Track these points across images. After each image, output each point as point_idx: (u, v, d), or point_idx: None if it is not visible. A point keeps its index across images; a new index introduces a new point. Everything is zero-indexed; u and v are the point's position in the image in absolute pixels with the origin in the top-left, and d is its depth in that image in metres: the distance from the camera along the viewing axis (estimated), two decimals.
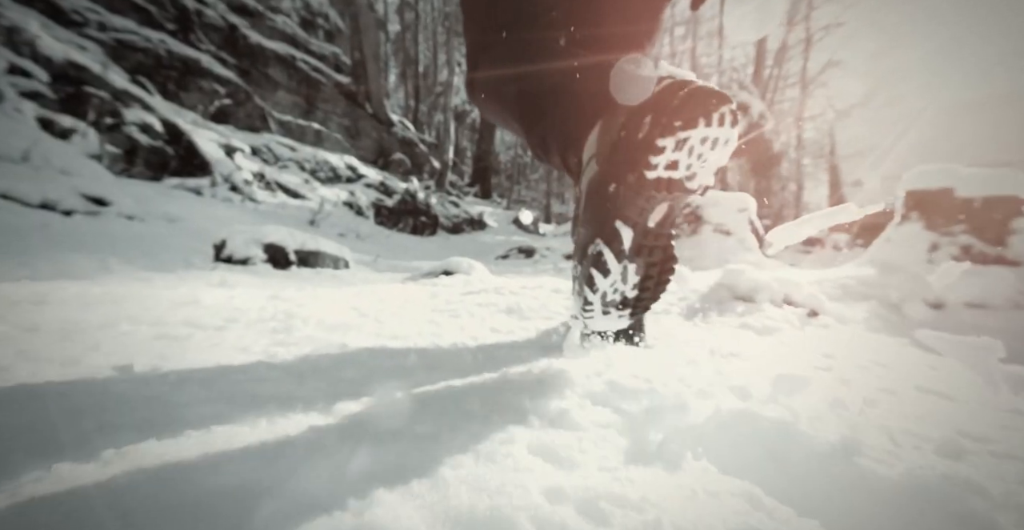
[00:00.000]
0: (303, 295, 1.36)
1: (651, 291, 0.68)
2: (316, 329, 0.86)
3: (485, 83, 0.80)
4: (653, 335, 1.12)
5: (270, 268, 2.26)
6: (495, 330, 1.05)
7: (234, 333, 0.76)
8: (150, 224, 3.27)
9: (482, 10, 0.82)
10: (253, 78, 9.30)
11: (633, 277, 0.64)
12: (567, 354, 0.86)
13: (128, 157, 4.83)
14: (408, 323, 1.07)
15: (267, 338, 0.74)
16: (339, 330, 0.89)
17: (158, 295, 1.11)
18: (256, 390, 0.49)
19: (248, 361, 0.59)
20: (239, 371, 0.54)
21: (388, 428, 0.43)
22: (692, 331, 1.25)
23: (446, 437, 0.42)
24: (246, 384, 0.50)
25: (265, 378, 0.53)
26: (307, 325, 0.86)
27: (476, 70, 0.81)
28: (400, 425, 0.44)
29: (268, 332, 0.78)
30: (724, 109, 0.52)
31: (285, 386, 0.52)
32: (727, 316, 1.44)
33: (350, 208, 7.90)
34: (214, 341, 0.69)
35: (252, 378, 0.53)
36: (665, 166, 0.54)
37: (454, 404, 0.51)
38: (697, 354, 0.96)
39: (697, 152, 0.54)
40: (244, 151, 6.58)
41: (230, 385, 0.49)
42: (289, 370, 0.58)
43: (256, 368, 0.56)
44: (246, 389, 0.49)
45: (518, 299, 1.46)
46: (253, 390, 0.49)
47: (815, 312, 1.54)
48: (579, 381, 0.68)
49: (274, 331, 0.79)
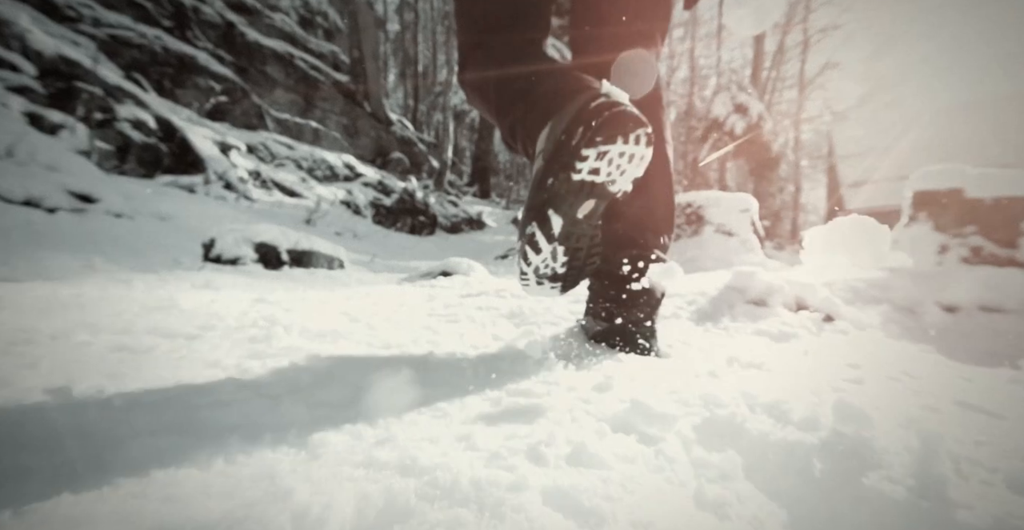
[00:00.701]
0: (292, 298, 1.28)
1: (578, 270, 0.78)
2: (300, 338, 0.78)
3: (472, 81, 0.88)
4: (666, 342, 1.04)
5: (261, 268, 2.17)
6: (497, 338, 0.97)
7: (206, 343, 0.67)
8: (139, 222, 3.18)
9: (468, 11, 0.89)
10: (250, 76, 9.20)
11: (562, 257, 0.73)
12: (577, 366, 0.78)
13: (120, 154, 4.74)
14: (403, 330, 0.99)
15: (243, 349, 0.66)
16: (326, 339, 0.81)
17: (133, 298, 1.03)
18: (218, 418, 0.41)
19: (215, 379, 0.51)
20: (202, 392, 0.46)
21: (373, 474, 0.35)
22: (705, 338, 1.17)
23: (443, 480, 0.35)
24: (206, 410, 0.42)
25: (231, 401, 0.45)
26: (290, 333, 0.78)
27: (464, 69, 0.89)
28: (388, 462, 0.37)
29: (245, 342, 0.70)
30: (640, 132, 0.63)
31: (254, 412, 0.44)
32: (740, 321, 1.37)
33: (348, 207, 7.81)
34: (180, 354, 0.61)
35: (215, 401, 0.45)
36: (588, 171, 0.65)
37: (453, 435, 0.44)
38: (716, 365, 0.88)
39: (616, 163, 0.65)
40: (240, 149, 6.48)
41: (186, 412, 0.41)
42: (262, 390, 0.50)
43: (223, 388, 0.48)
44: (205, 417, 0.41)
45: (520, 303, 1.38)
46: (214, 418, 0.41)
47: (830, 317, 1.46)
48: (595, 400, 0.60)
49: (252, 340, 0.71)
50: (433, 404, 0.51)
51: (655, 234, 0.96)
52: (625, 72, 0.68)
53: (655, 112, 0.86)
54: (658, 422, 0.53)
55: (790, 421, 0.56)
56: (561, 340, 0.98)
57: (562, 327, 1.11)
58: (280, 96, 9.74)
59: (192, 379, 0.50)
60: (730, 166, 18.15)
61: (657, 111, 0.88)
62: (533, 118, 0.74)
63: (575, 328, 1.09)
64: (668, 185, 0.96)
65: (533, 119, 0.74)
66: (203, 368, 0.56)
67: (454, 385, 0.59)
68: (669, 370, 0.80)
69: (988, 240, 2.68)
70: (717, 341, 1.14)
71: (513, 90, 0.80)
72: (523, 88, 0.78)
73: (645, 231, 0.95)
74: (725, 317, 1.41)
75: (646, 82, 0.72)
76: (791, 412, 0.61)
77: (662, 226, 0.96)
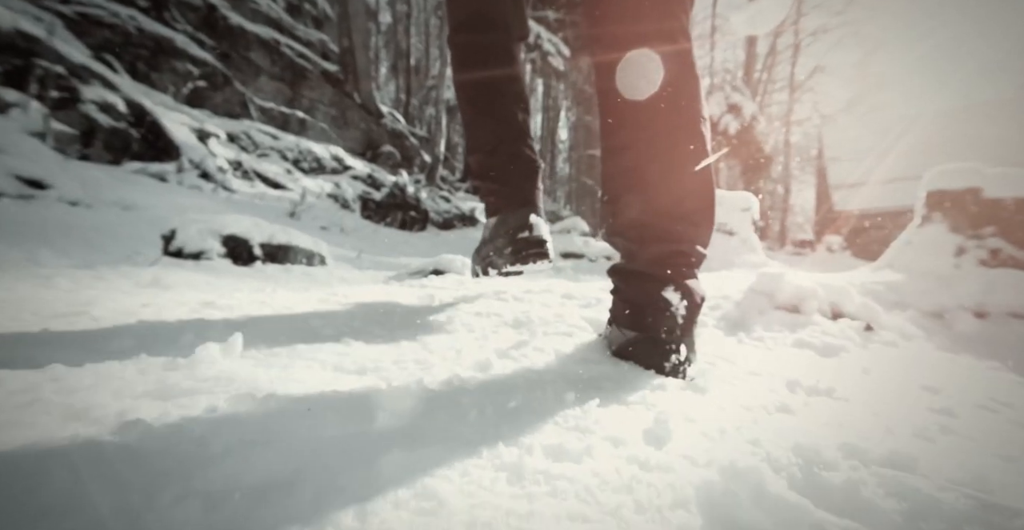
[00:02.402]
0: (253, 301, 1.07)
1: None
2: (241, 361, 0.57)
3: (454, 82, 1.15)
4: (705, 358, 0.85)
5: (229, 264, 1.94)
6: (503, 355, 0.78)
7: (88, 375, 0.47)
8: (99, 211, 2.91)
9: (447, 6, 1.12)
10: (233, 62, 8.82)
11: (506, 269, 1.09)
12: (612, 398, 0.59)
13: (85, 138, 4.42)
14: (384, 344, 0.79)
15: (145, 382, 0.46)
16: (277, 361, 0.60)
17: (42, 300, 0.82)
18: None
19: (30, 466, 0.30)
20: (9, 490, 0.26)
21: None
22: (744, 351, 0.99)
23: None
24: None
25: (62, 509, 0.25)
26: (229, 354, 0.58)
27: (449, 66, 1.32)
28: None
29: (157, 369, 0.50)
30: (540, 262, 1.04)
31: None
32: (776, 330, 1.19)
33: (335, 200, 7.53)
34: (31, 396, 0.41)
35: (39, 508, 0.25)
36: (505, 273, 1.09)
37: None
38: (779, 393, 0.70)
39: (527, 271, 1.08)
40: (219, 137, 6.17)
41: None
42: (125, 479, 0.30)
43: (51, 486, 0.28)
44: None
45: (525, 307, 1.18)
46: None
47: (870, 326, 1.30)
48: (654, 461, 0.41)
49: (168, 367, 0.50)
50: (419, 485, 0.32)
51: (693, 225, 0.79)
52: (631, 73, 0.71)
53: (678, 101, 0.76)
54: (763, 502, 0.34)
55: (940, 489, 0.38)
56: (581, 357, 0.79)
57: (578, 339, 0.92)
58: (265, 84, 9.38)
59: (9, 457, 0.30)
60: (722, 167, 18.16)
61: (680, 100, 0.77)
62: (485, 200, 1.17)
63: (595, 340, 0.90)
64: (704, 172, 0.78)
65: (484, 200, 1.17)
66: (56, 424, 0.35)
67: (452, 442, 0.39)
68: (730, 403, 0.61)
69: (1008, 242, 2.55)
70: (759, 356, 0.96)
71: (477, 145, 1.16)
72: (484, 159, 1.14)
73: (678, 220, 0.78)
74: (757, 325, 1.23)
75: (651, 82, 0.72)
76: (921, 469, 0.43)
77: (698, 216, 0.79)
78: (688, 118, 0.77)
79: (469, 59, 1.13)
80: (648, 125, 0.77)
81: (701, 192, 0.79)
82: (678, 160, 0.77)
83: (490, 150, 1.15)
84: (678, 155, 0.77)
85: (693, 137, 0.77)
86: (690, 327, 0.77)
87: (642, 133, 0.77)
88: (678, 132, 0.77)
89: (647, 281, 0.78)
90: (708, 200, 0.80)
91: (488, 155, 1.15)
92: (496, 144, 1.14)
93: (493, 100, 1.14)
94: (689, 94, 0.77)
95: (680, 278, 0.78)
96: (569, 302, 1.32)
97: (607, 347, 0.86)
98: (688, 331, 0.77)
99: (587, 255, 5.45)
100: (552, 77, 17.94)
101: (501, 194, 1.14)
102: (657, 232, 0.78)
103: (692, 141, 0.77)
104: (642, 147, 0.77)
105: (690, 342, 0.78)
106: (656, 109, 0.76)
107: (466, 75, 1.13)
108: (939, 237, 2.68)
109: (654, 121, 0.77)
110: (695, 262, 0.80)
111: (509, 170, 1.14)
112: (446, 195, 11.17)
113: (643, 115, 0.77)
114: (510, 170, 1.13)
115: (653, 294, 0.76)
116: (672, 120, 0.76)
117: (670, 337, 0.75)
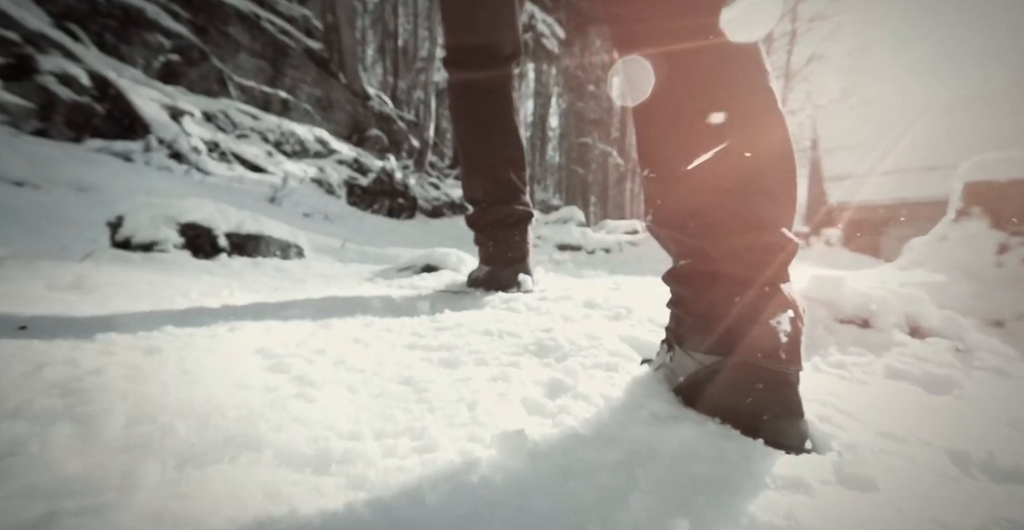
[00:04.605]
0: (185, 316, 0.81)
1: None
2: (106, 452, 0.33)
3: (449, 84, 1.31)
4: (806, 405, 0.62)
5: (188, 257, 1.66)
6: (535, 408, 0.54)
7: None
8: (49, 193, 2.59)
9: None
10: (211, 37, 8.29)
11: None
12: (716, 504, 0.36)
13: (43, 113, 4.02)
14: (362, 396, 0.55)
15: None
16: (180, 447, 0.36)
17: None
18: None
19: None
20: None
21: None
22: (838, 388, 0.77)
23: None
24: None
25: None
26: (91, 440, 0.33)
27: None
28: None
29: None
30: (514, 289, 1.25)
31: None
32: (854, 353, 0.97)
33: (319, 185, 7.16)
34: None
35: None
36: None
37: None
38: (949, 472, 0.48)
39: None
40: (194, 115, 5.76)
41: None
42: None
43: None
44: None
45: (545, 322, 0.95)
46: None
47: (960, 346, 1.09)
48: None
49: None
50: None
51: (776, 202, 0.56)
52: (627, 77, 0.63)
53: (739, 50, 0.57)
54: None
55: None
56: (647, 412, 0.56)
57: (625, 372, 0.69)
58: (245, 61, 8.86)
59: None
60: None
61: (743, 48, 0.57)
62: (478, 246, 1.34)
63: (646, 375, 0.67)
64: (783, 129, 0.57)
65: (478, 246, 1.34)
66: None
67: None
68: (924, 518, 0.39)
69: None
70: (859, 396, 0.73)
71: (472, 197, 1.33)
72: (478, 213, 1.31)
73: (759, 199, 0.56)
74: (831, 346, 1.01)
75: (642, 88, 0.59)
76: None
77: (780, 190, 0.57)
78: (755, 61, 0.57)
79: (462, 105, 1.27)
80: (710, 66, 0.57)
81: (782, 156, 0.57)
82: (752, 111, 0.56)
83: (484, 206, 1.29)
84: (753, 105, 0.57)
85: (765, 85, 0.57)
86: (796, 349, 0.55)
87: (702, 78, 0.57)
88: (748, 75, 0.57)
89: (731, 285, 0.56)
90: (791, 169, 0.58)
91: (482, 211, 1.29)
92: (490, 202, 1.28)
93: (486, 155, 1.26)
94: (752, 47, 0.58)
95: (776, 280, 0.55)
96: (594, 313, 1.09)
97: (667, 379, 0.63)
98: (796, 359, 0.54)
99: (584, 247, 5.23)
100: (544, 61, 17.47)
101: (494, 249, 1.29)
102: (732, 220, 0.56)
103: (765, 92, 0.57)
104: (714, 93, 0.56)
105: (797, 377, 0.55)
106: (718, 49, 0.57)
107: (460, 121, 1.29)
108: (979, 233, 2.47)
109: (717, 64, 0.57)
110: (787, 257, 0.57)
111: (501, 228, 1.28)
112: (435, 182, 10.82)
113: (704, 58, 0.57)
114: (502, 228, 1.28)
115: (741, 303, 0.54)
116: (740, 60, 0.57)
117: (775, 363, 0.52)
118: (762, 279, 0.55)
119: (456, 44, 1.22)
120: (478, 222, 1.31)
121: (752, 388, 0.52)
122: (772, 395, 0.52)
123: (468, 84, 1.24)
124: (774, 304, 0.54)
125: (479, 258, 1.35)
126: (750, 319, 0.53)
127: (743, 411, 0.53)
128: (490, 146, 1.26)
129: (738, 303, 0.54)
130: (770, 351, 0.52)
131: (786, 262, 0.57)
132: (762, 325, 0.53)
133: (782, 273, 0.56)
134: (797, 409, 0.53)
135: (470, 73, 1.23)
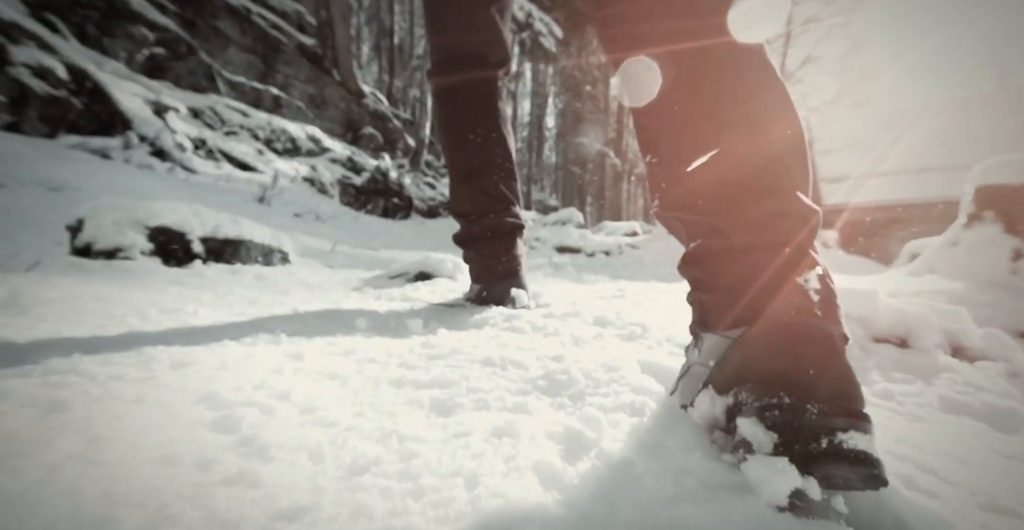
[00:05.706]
0: (128, 344, 0.68)
1: None
2: None
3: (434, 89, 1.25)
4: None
5: (158, 265, 1.51)
6: (547, 479, 0.41)
7: None
8: (14, 192, 2.42)
9: None
10: (199, 30, 8.07)
11: None
12: None
13: (15, 107, 3.83)
14: (329, 468, 0.41)
15: None
16: None
17: None
18: None
19: None
20: None
21: None
22: (882, 420, 0.65)
23: None
24: None
25: None
26: None
27: None
28: None
29: None
30: (508, 305, 1.13)
31: None
32: (899, 379, 0.85)
33: (311, 185, 6.99)
34: None
35: None
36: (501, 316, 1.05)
37: None
38: None
39: None
40: (179, 111, 5.57)
41: None
42: None
43: None
44: None
45: (554, 347, 0.81)
46: None
47: (1012, 370, 0.98)
48: None
49: None
50: None
51: (791, 172, 0.54)
52: (629, 79, 0.61)
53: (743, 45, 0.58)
54: None
55: None
56: (696, 479, 0.43)
57: (654, 417, 0.56)
58: (234, 56, 8.65)
59: None
60: None
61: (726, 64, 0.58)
62: (468, 264, 1.26)
63: (674, 416, 0.54)
64: (793, 113, 0.57)
65: (468, 264, 1.26)
66: None
67: None
68: None
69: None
70: (920, 439, 0.61)
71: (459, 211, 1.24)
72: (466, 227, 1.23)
73: (771, 166, 0.54)
74: (873, 371, 0.89)
75: (647, 90, 0.58)
76: None
77: (793, 161, 0.55)
78: (763, 58, 0.58)
79: (447, 113, 1.20)
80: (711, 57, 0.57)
81: (794, 136, 0.55)
82: (763, 105, 0.57)
83: (473, 219, 1.20)
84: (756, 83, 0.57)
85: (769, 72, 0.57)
86: (836, 313, 0.48)
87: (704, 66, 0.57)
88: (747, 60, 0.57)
89: (749, 253, 0.52)
90: (801, 143, 0.56)
91: (469, 225, 1.20)
92: (478, 215, 1.19)
93: (472, 166, 1.18)
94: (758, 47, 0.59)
95: (802, 246, 0.51)
96: (606, 332, 0.96)
97: (700, 418, 0.52)
98: (836, 320, 0.47)
99: (584, 249, 5.11)
100: (541, 61, 17.36)
101: (484, 265, 1.20)
102: (746, 186, 0.53)
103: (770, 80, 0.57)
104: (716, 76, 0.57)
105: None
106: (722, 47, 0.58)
107: (445, 130, 1.21)
108: (992, 239, 2.37)
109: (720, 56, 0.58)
110: (811, 225, 0.52)
111: (489, 241, 1.19)
112: (431, 181, 10.66)
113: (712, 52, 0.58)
114: (490, 241, 1.19)
115: (762, 269, 0.50)
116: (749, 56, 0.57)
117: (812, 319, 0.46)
118: (783, 244, 0.51)
119: (440, 51, 1.17)
120: (465, 237, 1.22)
121: (790, 349, 0.44)
122: (816, 353, 0.43)
123: (453, 92, 1.18)
124: (801, 266, 0.49)
125: (470, 276, 1.26)
126: (775, 282, 0.49)
127: (786, 372, 0.43)
128: (476, 156, 1.19)
129: (760, 269, 0.50)
130: (803, 308, 0.46)
131: (812, 229, 0.52)
132: (790, 284, 0.48)
133: (809, 239, 0.52)
134: (851, 385, 0.43)
135: (454, 80, 1.17)
